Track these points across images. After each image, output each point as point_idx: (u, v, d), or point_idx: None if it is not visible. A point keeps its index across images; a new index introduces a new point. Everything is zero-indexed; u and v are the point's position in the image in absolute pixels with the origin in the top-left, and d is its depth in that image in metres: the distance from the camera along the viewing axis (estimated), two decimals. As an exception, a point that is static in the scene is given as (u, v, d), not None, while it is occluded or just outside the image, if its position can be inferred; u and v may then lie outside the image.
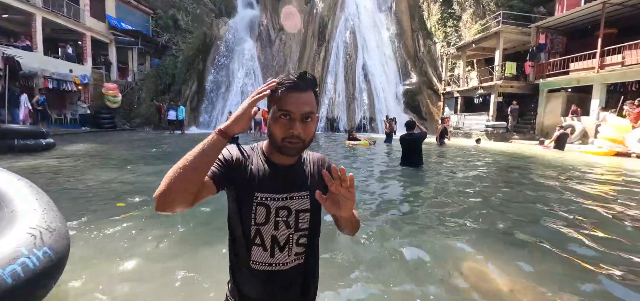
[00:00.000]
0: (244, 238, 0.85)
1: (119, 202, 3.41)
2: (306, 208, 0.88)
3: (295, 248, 0.87)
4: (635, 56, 10.78)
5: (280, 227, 0.85)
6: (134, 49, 18.61)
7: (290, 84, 0.80)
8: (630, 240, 2.67)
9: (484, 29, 17.51)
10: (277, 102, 0.80)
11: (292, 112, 0.79)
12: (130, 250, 2.24)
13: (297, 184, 0.88)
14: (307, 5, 24.44)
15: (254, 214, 0.83)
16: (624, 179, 5.67)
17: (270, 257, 0.85)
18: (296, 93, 0.79)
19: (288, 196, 0.86)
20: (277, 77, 0.82)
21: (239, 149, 0.88)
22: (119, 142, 9.90)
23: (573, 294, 1.82)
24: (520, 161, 8.12)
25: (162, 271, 1.97)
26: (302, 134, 0.80)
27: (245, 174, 0.85)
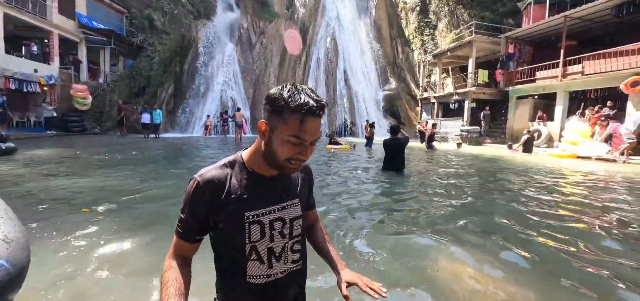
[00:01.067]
0: (238, 257, 0.80)
1: (83, 208, 3.24)
2: (298, 214, 0.87)
3: (291, 254, 0.86)
4: (594, 66, 11.65)
5: (275, 238, 0.82)
6: (106, 48, 17.80)
7: (307, 109, 0.71)
8: (588, 233, 2.87)
9: (458, 38, 18.31)
10: (288, 123, 0.72)
11: (305, 139, 0.73)
12: (95, 257, 2.13)
13: (287, 192, 0.85)
14: (288, 11, 24.50)
15: (248, 234, 0.78)
16: (583, 179, 6.09)
17: (268, 268, 0.82)
18: (314, 120, 0.73)
19: (281, 206, 0.83)
20: (283, 91, 0.73)
21: (211, 178, 0.77)
22: (86, 147, 9.39)
23: (541, 286, 1.93)
24: (492, 163, 8.51)
25: (127, 279, 1.89)
26: (306, 156, 0.76)
27: (229, 201, 0.77)
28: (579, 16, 12.33)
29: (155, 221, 2.95)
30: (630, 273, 2.13)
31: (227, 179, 0.79)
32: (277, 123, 0.73)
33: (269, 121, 0.75)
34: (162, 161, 7.33)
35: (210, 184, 0.77)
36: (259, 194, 0.80)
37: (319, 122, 0.75)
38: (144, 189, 4.16)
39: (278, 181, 0.84)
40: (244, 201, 0.78)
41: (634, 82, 10.02)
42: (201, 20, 21.50)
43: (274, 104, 0.74)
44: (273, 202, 0.82)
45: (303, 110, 0.71)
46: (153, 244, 2.40)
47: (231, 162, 0.83)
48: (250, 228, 0.78)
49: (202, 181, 0.77)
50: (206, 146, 11.31)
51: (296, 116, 0.71)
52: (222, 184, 0.78)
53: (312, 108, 0.71)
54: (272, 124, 0.75)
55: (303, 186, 0.92)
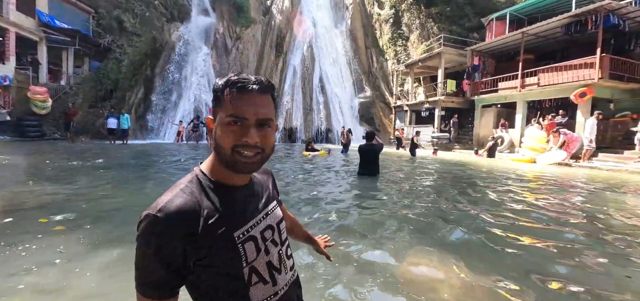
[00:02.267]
0: (236, 287, 0.68)
1: (42, 218, 3.05)
2: (281, 216, 0.81)
3: (287, 261, 0.79)
4: (548, 78, 12.70)
5: (270, 249, 0.74)
6: (69, 49, 16.81)
7: (241, 84, 0.65)
8: (545, 227, 3.14)
9: (428, 50, 19.24)
10: (224, 106, 0.66)
11: (244, 116, 0.64)
12: (53, 269, 2.03)
13: (265, 196, 0.79)
14: (265, 17, 24.53)
15: (243, 254, 0.67)
16: (540, 181, 6.61)
17: (273, 286, 0.73)
18: (250, 95, 0.65)
19: (265, 213, 0.76)
20: (222, 79, 0.68)
21: (178, 210, 0.61)
22: (44, 154, 8.79)
23: (500, 280, 2.10)
24: (460, 167, 8.99)
25: (86, 290, 1.83)
26: (259, 142, 0.66)
27: (209, 227, 0.63)
28: (535, 33, 13.43)
29: (121, 231, 2.85)
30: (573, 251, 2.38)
31: (197, 202, 0.64)
32: (218, 111, 0.67)
33: (213, 115, 0.70)
34: (122, 168, 7.03)
35: (179, 216, 0.60)
36: (240, 207, 0.71)
37: (259, 100, 0.67)
38: (101, 199, 4.00)
39: (253, 187, 0.77)
40: (228, 220, 0.66)
41: (581, 93, 11.04)
42: (174, 23, 20.97)
43: (214, 93, 0.69)
44: (257, 210, 0.74)
45: (235, 85, 0.65)
46: (118, 260, 2.33)
47: (190, 181, 0.69)
48: (244, 247, 0.68)
49: (166, 216, 0.60)
50: (177, 152, 10.97)
51: (229, 93, 0.65)
52: (194, 211, 0.63)
53: (243, 82, 0.66)
54: (215, 115, 0.69)
55: (273, 188, 0.87)
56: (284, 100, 21.44)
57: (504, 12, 16.05)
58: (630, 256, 2.41)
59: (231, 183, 0.71)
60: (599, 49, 10.87)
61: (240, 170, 0.67)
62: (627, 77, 11.28)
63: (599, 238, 2.85)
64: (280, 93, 21.66)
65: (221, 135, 0.66)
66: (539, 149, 11.22)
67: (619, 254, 2.48)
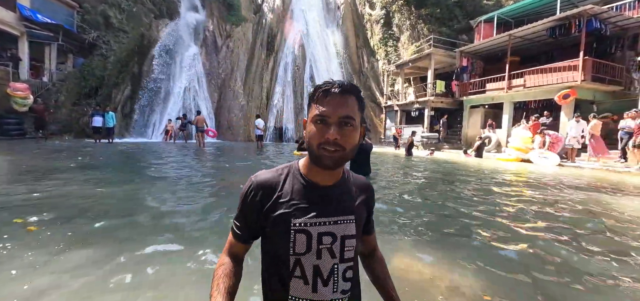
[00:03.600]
0: (281, 269, 0.75)
1: (17, 217, 2.93)
2: (352, 233, 0.79)
3: (342, 283, 0.76)
4: (533, 80, 13.01)
5: (323, 256, 0.74)
6: (52, 45, 16.30)
7: (325, 88, 0.74)
8: (530, 223, 3.20)
9: (419, 51, 19.45)
10: (312, 109, 0.75)
11: (327, 116, 0.72)
12: (30, 268, 1.95)
13: (342, 206, 0.79)
14: (255, 15, 24.33)
15: (292, 243, 0.74)
16: (525, 179, 6.76)
17: (313, 292, 0.73)
18: (333, 96, 0.73)
19: (332, 220, 0.77)
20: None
21: (265, 180, 0.78)
22: (24, 153, 8.51)
23: (484, 274, 2.12)
24: (450, 166, 9.11)
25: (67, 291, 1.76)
26: (339, 139, 0.71)
27: (277, 205, 0.76)
28: (521, 35, 13.74)
29: (106, 229, 2.77)
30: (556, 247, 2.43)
31: (279, 183, 0.78)
32: (309, 113, 0.77)
33: (307, 115, 0.79)
34: (105, 168, 6.86)
35: (262, 186, 0.78)
36: (310, 203, 0.76)
37: (342, 99, 0.73)
38: (79, 202, 3.88)
39: (333, 191, 0.79)
40: (293, 207, 0.75)
41: (565, 95, 11.35)
42: (163, 19, 20.58)
43: (309, 99, 0.79)
44: (324, 213, 0.76)
45: (322, 89, 0.74)
46: (85, 266, 2.26)
47: (287, 168, 0.83)
48: (295, 236, 0.74)
49: (255, 182, 0.78)
50: (165, 152, 10.77)
51: (317, 96, 0.74)
52: (273, 188, 0.78)
53: (328, 86, 0.74)
54: (308, 115, 0.78)
55: (361, 205, 0.85)
56: (275, 99, 21.33)
57: (492, 15, 16.37)
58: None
59: (315, 182, 0.79)
60: (581, 52, 11.21)
61: (325, 164, 0.74)
62: (608, 79, 11.67)
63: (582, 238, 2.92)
64: (271, 92, 21.56)
65: (309, 133, 0.75)
66: (525, 149, 11.47)
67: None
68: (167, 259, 2.06)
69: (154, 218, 2.97)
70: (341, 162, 0.75)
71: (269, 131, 20.32)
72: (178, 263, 1.99)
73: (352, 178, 0.87)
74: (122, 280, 1.75)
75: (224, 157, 9.62)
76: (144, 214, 3.09)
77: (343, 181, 0.83)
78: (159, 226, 2.75)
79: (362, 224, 0.85)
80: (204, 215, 3.11)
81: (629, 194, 5.20)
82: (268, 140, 19.54)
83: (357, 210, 0.82)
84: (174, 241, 2.38)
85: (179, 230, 2.62)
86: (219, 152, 11.39)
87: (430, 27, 20.61)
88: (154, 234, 2.51)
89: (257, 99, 20.90)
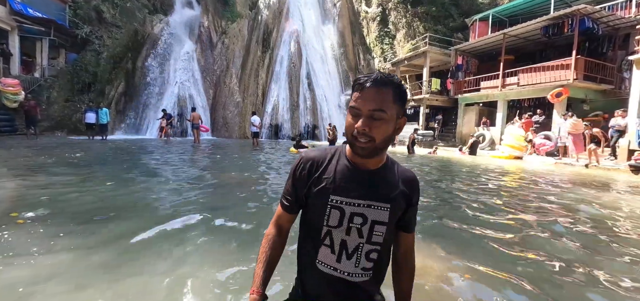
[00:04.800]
0: (314, 235, 0.85)
1: (12, 212, 2.92)
2: (384, 220, 0.83)
3: (364, 260, 0.83)
4: (527, 78, 13.15)
5: (352, 233, 0.82)
6: (44, 40, 16.02)
7: (361, 82, 0.78)
8: (521, 216, 3.26)
9: (414, 49, 19.52)
10: (350, 98, 0.82)
11: (358, 109, 0.77)
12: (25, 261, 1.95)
13: (378, 192, 0.83)
14: (251, 11, 24.16)
15: (327, 216, 0.82)
16: (518, 176, 6.85)
17: (337, 262, 0.82)
18: (367, 90, 0.76)
19: (366, 203, 0.82)
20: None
21: (313, 157, 0.88)
22: (15, 149, 8.40)
23: (473, 261, 2.17)
24: (445, 163, 9.20)
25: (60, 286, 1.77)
26: (368, 131, 0.76)
27: (321, 180, 0.84)
28: (515, 34, 13.87)
29: (100, 223, 2.76)
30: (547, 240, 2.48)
31: (325, 161, 0.87)
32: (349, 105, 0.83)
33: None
34: (96, 165, 6.81)
35: (310, 161, 0.87)
36: (349, 183, 0.82)
37: (374, 93, 0.76)
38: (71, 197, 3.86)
39: (374, 177, 0.84)
40: (333, 184, 0.83)
41: (557, 93, 11.50)
42: (157, 15, 20.34)
43: (352, 87, 0.84)
44: (360, 196, 0.82)
45: (358, 81, 0.79)
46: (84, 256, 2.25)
47: (335, 149, 0.90)
48: (331, 211, 0.82)
49: (305, 157, 0.88)
50: (160, 148, 10.70)
51: (354, 88, 0.80)
52: (320, 164, 0.86)
53: (361, 80, 0.78)
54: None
55: (400, 196, 0.86)
56: (271, 96, 21.25)
57: (487, 14, 16.48)
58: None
59: (356, 164, 0.84)
60: (574, 51, 11.35)
61: (357, 153, 0.80)
62: (599, 78, 11.84)
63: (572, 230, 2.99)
64: (266, 89, 21.48)
65: (346, 123, 0.81)
66: (518, 146, 11.62)
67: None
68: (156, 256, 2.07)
69: (147, 215, 2.97)
70: (373, 152, 0.79)
71: (265, 129, 20.26)
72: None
73: (397, 169, 0.89)
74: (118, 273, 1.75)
75: (219, 154, 9.59)
76: (135, 211, 3.08)
77: (385, 169, 0.86)
78: (149, 222, 2.75)
79: (397, 215, 0.87)
80: (196, 213, 3.12)
81: (614, 189, 5.31)
82: (264, 137, 19.49)
83: (395, 200, 0.84)
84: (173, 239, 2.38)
85: (170, 231, 2.63)
86: (214, 149, 11.34)
87: (426, 25, 20.69)
88: (142, 231, 2.51)
89: (253, 96, 20.80)
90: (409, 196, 0.88)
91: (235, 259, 2.01)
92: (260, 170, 6.31)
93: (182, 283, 1.68)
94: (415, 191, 0.90)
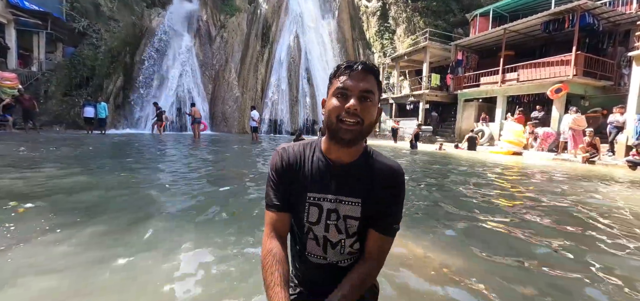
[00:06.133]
0: (299, 231, 0.85)
1: (13, 202, 2.93)
2: (355, 215, 0.80)
3: (348, 249, 0.83)
4: (527, 74, 13.14)
5: (330, 230, 0.81)
6: (41, 33, 15.88)
7: (348, 65, 0.78)
8: (517, 211, 3.28)
9: (414, 44, 19.44)
10: (334, 85, 0.78)
11: (348, 89, 0.75)
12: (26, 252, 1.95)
13: (349, 187, 0.80)
14: (250, 5, 23.97)
15: (306, 213, 0.81)
16: (516, 171, 6.88)
17: (324, 252, 0.83)
18: (355, 73, 0.76)
19: (338, 198, 0.80)
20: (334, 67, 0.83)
21: (293, 151, 0.85)
22: (12, 143, 8.37)
23: (472, 254, 2.18)
24: (444, 158, 9.21)
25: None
26: (359, 111, 0.73)
27: (299, 175, 0.83)
28: (516, 29, 13.82)
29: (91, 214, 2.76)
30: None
31: (301, 156, 0.84)
32: (329, 89, 0.80)
33: (327, 94, 0.81)
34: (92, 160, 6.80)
35: (288, 155, 0.84)
36: (323, 178, 0.81)
37: (363, 76, 0.76)
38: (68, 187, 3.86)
39: (346, 171, 0.81)
40: (310, 181, 0.81)
41: (557, 89, 11.50)
42: (155, 8, 20.17)
43: (329, 79, 0.82)
44: (333, 191, 0.80)
45: (343, 66, 0.78)
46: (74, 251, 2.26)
47: (311, 143, 0.88)
48: (309, 208, 0.81)
49: (283, 152, 0.85)
50: (157, 143, 10.68)
51: (338, 73, 0.78)
52: (297, 160, 0.84)
53: (351, 63, 0.78)
54: (328, 93, 0.80)
55: (377, 191, 0.80)
56: (270, 91, 21.19)
57: (488, 9, 16.39)
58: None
59: (332, 159, 0.82)
60: (574, 47, 11.33)
61: (343, 136, 0.75)
62: (599, 74, 11.84)
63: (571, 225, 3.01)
64: (266, 84, 21.40)
65: (330, 107, 0.76)
66: (517, 142, 11.65)
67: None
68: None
69: (144, 208, 2.98)
70: (358, 136, 0.76)
71: (264, 123, 20.24)
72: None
73: (377, 161, 0.82)
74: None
75: (218, 148, 9.57)
76: (138, 206, 3.09)
77: (360, 162, 0.82)
78: (154, 216, 2.76)
79: (373, 210, 0.80)
80: (199, 204, 3.12)
81: (613, 184, 5.34)
82: (263, 132, 19.47)
83: (369, 195, 0.79)
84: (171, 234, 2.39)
85: (173, 219, 2.63)
86: (213, 144, 11.33)
87: (426, 20, 20.59)
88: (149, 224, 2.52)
89: (252, 91, 20.73)
90: (388, 192, 0.80)
91: (233, 252, 2.02)
92: (259, 164, 6.32)
93: (181, 275, 1.69)
94: (395, 186, 0.81)
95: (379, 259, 0.83)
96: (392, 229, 0.82)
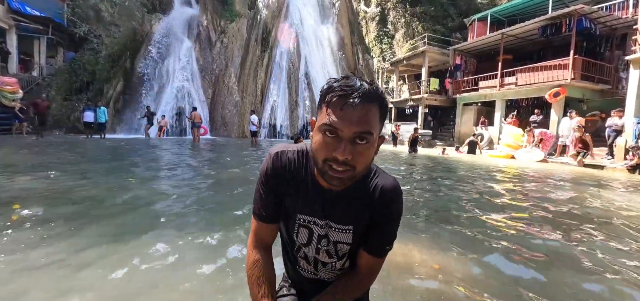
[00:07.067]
0: (289, 249, 0.83)
1: (14, 204, 2.93)
2: (347, 242, 0.76)
3: (339, 268, 0.81)
4: (525, 78, 13.20)
5: (321, 254, 0.78)
6: (42, 38, 15.99)
7: (343, 92, 0.60)
8: (517, 214, 3.29)
9: (413, 48, 19.57)
10: (323, 113, 0.63)
11: (339, 129, 0.60)
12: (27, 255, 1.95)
13: (341, 213, 0.74)
14: (250, 11, 24.14)
15: (296, 233, 0.77)
16: (516, 175, 6.89)
17: (315, 270, 0.81)
18: (350, 106, 0.59)
19: (328, 223, 0.75)
20: (327, 82, 0.65)
21: (287, 159, 0.75)
22: (12, 147, 8.38)
23: (474, 257, 2.18)
24: (443, 162, 9.23)
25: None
26: (350, 159, 0.60)
27: (289, 190, 0.75)
28: (513, 34, 13.91)
29: (93, 215, 2.77)
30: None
31: (294, 168, 0.75)
32: (318, 113, 0.66)
33: (317, 114, 0.67)
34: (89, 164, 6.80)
35: (281, 164, 0.75)
36: (315, 202, 0.74)
37: (361, 113, 0.60)
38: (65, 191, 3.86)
39: (338, 198, 0.73)
40: (300, 203, 0.75)
41: (555, 93, 11.55)
42: (156, 14, 20.30)
43: (320, 95, 0.66)
44: (324, 216, 0.74)
45: (337, 93, 0.60)
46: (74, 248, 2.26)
47: (304, 152, 0.77)
48: (299, 229, 0.77)
49: (276, 159, 0.75)
50: (158, 147, 10.69)
51: (328, 100, 0.62)
52: (289, 171, 0.75)
53: (345, 90, 0.59)
54: (317, 115, 0.66)
55: (369, 214, 0.74)
56: (269, 95, 21.26)
57: (486, 13, 16.53)
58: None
59: (321, 183, 0.73)
60: (572, 51, 11.40)
61: (329, 182, 0.65)
62: (597, 78, 11.90)
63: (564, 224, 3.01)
64: (265, 88, 21.49)
65: (316, 143, 0.64)
66: (516, 145, 11.67)
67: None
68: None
69: (143, 210, 2.98)
70: (350, 181, 0.65)
71: (264, 127, 20.28)
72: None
73: (371, 183, 0.74)
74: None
75: (218, 152, 9.58)
76: (131, 206, 3.09)
77: (357, 185, 0.72)
78: (156, 221, 2.76)
79: (361, 234, 0.76)
80: (199, 207, 3.12)
81: (612, 187, 5.35)
82: (262, 136, 19.49)
83: (362, 221, 0.74)
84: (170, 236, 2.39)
85: (173, 222, 2.64)
86: (213, 147, 11.34)
87: (425, 25, 20.75)
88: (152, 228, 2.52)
89: (252, 95, 20.80)
90: (381, 214, 0.73)
91: (230, 257, 2.02)
92: (257, 167, 6.32)
93: (179, 276, 1.69)
94: (390, 205, 0.73)
95: (369, 277, 0.80)
96: (384, 251, 0.78)
